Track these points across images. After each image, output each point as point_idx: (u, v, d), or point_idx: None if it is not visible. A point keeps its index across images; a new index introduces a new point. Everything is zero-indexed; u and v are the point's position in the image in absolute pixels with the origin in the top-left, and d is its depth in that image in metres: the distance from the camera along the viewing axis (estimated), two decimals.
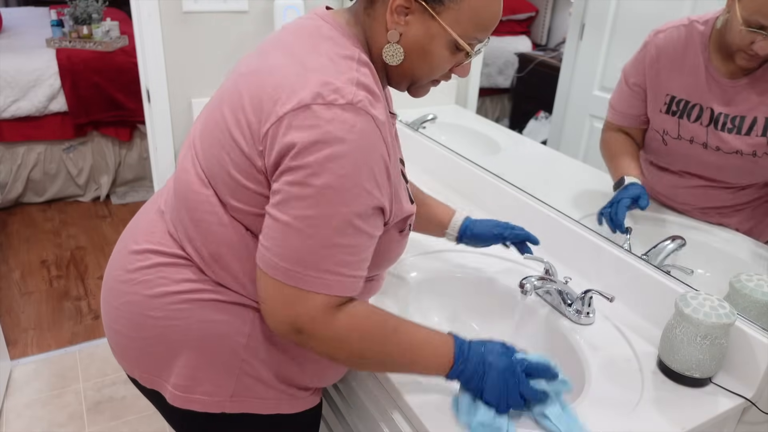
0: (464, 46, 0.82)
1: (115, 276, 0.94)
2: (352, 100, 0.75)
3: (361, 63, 0.80)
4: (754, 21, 1.00)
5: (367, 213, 0.78)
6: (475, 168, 1.56)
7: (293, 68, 0.79)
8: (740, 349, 0.98)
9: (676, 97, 1.17)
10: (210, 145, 0.85)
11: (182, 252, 0.89)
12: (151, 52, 1.83)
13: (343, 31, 0.84)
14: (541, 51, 1.72)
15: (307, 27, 0.85)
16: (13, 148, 3.17)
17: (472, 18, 0.80)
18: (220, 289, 0.87)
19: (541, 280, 1.10)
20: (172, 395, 0.90)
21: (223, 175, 0.82)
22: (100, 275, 2.76)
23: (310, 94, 0.75)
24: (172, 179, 0.95)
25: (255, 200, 0.81)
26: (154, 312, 0.88)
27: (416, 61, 0.84)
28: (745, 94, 1.09)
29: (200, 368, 0.88)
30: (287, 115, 0.75)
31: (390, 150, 0.81)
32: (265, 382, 0.90)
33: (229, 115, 0.83)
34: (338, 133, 0.73)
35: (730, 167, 1.13)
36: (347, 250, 0.77)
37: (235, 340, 0.88)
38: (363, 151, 0.75)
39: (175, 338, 0.88)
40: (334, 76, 0.76)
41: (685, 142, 1.17)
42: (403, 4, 0.80)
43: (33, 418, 1.96)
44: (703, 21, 1.14)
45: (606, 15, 1.34)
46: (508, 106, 1.84)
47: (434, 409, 0.89)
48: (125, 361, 0.95)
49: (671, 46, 1.17)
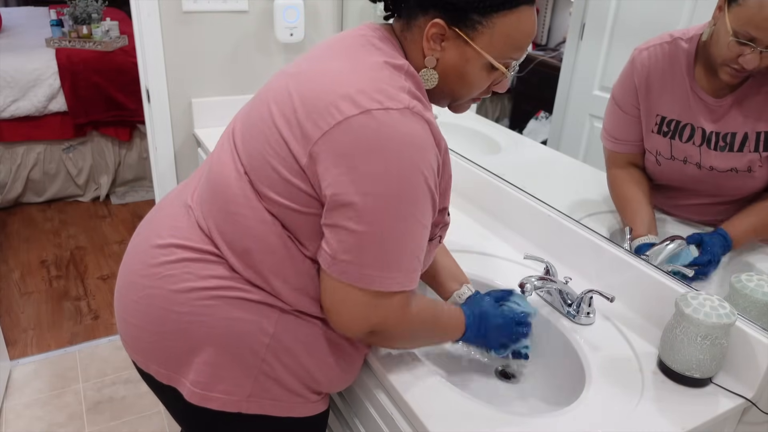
0: (499, 67, 0.85)
1: (135, 270, 0.94)
2: (408, 105, 0.78)
3: (409, 74, 0.84)
4: (743, 32, 0.97)
5: (428, 209, 0.82)
6: (475, 168, 1.56)
7: (347, 74, 0.81)
8: (740, 350, 0.98)
9: (667, 117, 1.15)
10: (253, 138, 0.86)
11: (210, 248, 0.89)
12: (151, 52, 1.83)
13: (391, 44, 0.87)
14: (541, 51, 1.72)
15: (358, 36, 0.87)
16: (12, 148, 3.17)
17: (506, 40, 0.83)
18: (247, 287, 0.87)
19: (541, 280, 1.10)
20: (190, 392, 0.89)
21: (266, 168, 0.84)
22: (100, 275, 2.76)
23: (368, 100, 0.77)
24: (202, 173, 0.96)
25: (295, 195, 0.82)
26: (179, 307, 0.88)
27: (454, 83, 0.87)
28: (733, 111, 1.07)
29: (221, 366, 0.88)
30: (347, 121, 0.77)
31: (442, 154, 0.85)
32: (282, 384, 0.90)
33: (277, 112, 0.84)
34: (398, 136, 0.77)
35: (727, 185, 1.11)
36: (418, 245, 0.83)
37: (258, 339, 0.87)
38: (422, 151, 0.79)
39: (198, 334, 0.88)
40: (388, 83, 0.80)
41: (679, 162, 1.15)
42: (438, 32, 0.83)
43: (33, 418, 1.96)
44: (687, 38, 1.11)
45: (606, 15, 1.34)
46: (508, 106, 1.83)
47: (434, 409, 0.89)
48: (140, 356, 0.94)
49: (657, 65, 1.14)
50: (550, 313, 1.14)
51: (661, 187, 1.22)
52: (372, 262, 0.80)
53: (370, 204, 0.77)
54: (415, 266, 0.84)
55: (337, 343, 0.93)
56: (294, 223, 0.84)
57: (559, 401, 1.02)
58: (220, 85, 1.98)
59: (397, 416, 0.95)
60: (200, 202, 0.92)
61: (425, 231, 0.83)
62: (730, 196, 1.13)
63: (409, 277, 0.83)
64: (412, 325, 0.89)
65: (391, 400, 0.98)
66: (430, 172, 0.80)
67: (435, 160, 0.81)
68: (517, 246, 1.38)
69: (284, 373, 0.90)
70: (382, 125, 0.76)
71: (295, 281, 0.87)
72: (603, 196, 1.27)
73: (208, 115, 1.96)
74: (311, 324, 0.90)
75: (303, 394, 0.92)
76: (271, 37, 2.00)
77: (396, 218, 0.79)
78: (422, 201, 0.80)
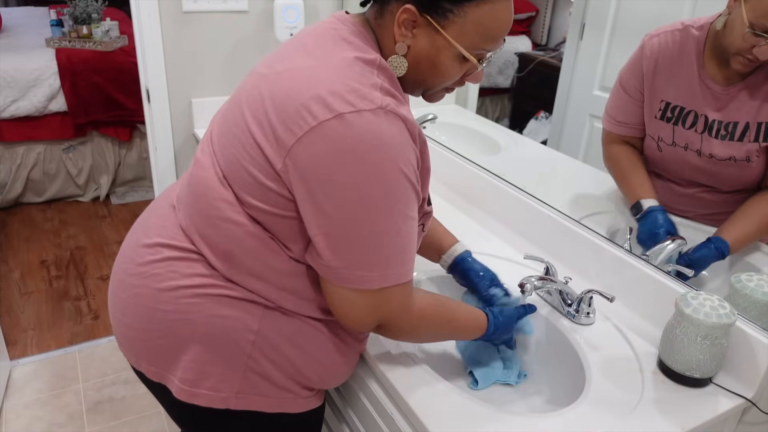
0: (470, 58, 0.83)
1: (125, 269, 0.94)
2: (381, 104, 0.77)
3: (381, 69, 0.82)
4: (760, 24, 0.98)
5: (413, 201, 0.82)
6: (475, 168, 1.56)
7: (317, 72, 0.80)
8: (740, 350, 0.98)
9: (671, 103, 1.16)
10: (229, 143, 0.86)
11: (194, 246, 0.89)
12: (151, 52, 1.83)
13: (363, 37, 0.85)
14: (541, 51, 1.72)
15: (329, 30, 0.86)
16: (12, 148, 3.17)
17: (478, 30, 0.81)
18: (230, 285, 0.88)
19: (541, 280, 1.10)
20: (178, 389, 0.90)
21: (242, 173, 0.83)
22: (100, 275, 2.77)
23: (339, 102, 0.76)
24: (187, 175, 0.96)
25: (273, 199, 0.82)
26: (164, 305, 0.88)
27: (426, 72, 0.86)
28: (737, 100, 1.08)
29: (207, 363, 0.88)
30: (320, 126, 0.76)
31: (420, 146, 0.85)
32: (271, 380, 0.90)
33: (250, 116, 0.83)
34: (373, 139, 0.76)
35: (724, 174, 1.12)
36: (409, 237, 0.83)
37: (244, 336, 0.88)
38: (399, 149, 0.78)
39: (184, 332, 0.88)
40: (359, 81, 0.78)
41: (680, 149, 1.16)
42: (408, 18, 0.81)
43: (33, 418, 1.96)
44: (698, 26, 1.12)
45: (606, 15, 1.34)
46: (508, 106, 1.84)
47: (434, 409, 0.90)
48: (131, 354, 0.95)
49: (666, 51, 1.16)
50: (550, 313, 1.14)
51: (660, 176, 1.22)
52: (366, 264, 0.80)
53: (355, 209, 0.77)
54: (409, 257, 0.84)
55: (325, 339, 0.93)
56: (276, 226, 0.84)
57: (559, 401, 1.02)
58: (220, 85, 1.98)
59: (397, 416, 0.95)
60: (183, 204, 0.92)
61: (413, 222, 0.84)
62: (726, 186, 1.14)
63: (405, 269, 0.83)
64: (420, 315, 0.90)
65: (391, 399, 0.98)
66: (409, 167, 0.79)
67: (413, 155, 0.81)
68: (517, 246, 1.38)
69: (271, 369, 0.90)
70: (356, 129, 0.75)
71: (279, 282, 0.87)
72: (603, 195, 1.27)
73: (208, 115, 1.96)
74: (296, 320, 0.90)
75: (292, 389, 0.93)
76: (271, 37, 2.00)
77: (383, 218, 0.78)
78: (406, 196, 0.80)
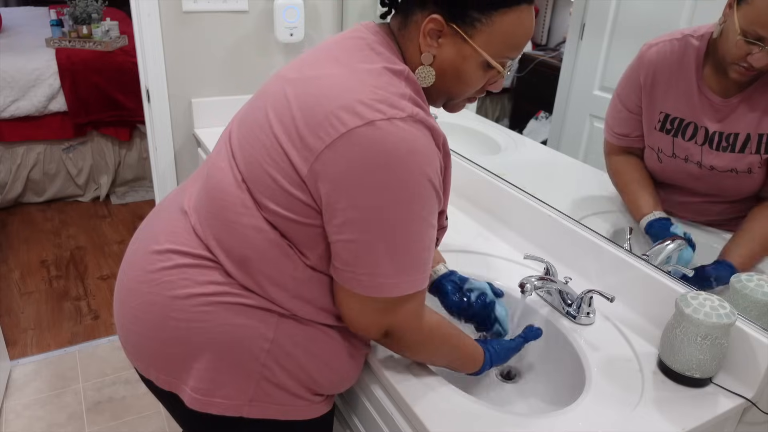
0: (496, 66, 0.84)
1: (133, 276, 0.93)
2: (411, 113, 0.78)
3: (409, 80, 0.83)
4: (752, 32, 0.97)
5: (435, 208, 0.83)
6: (475, 168, 1.56)
7: (346, 81, 0.80)
8: (741, 350, 0.98)
9: (671, 115, 1.14)
10: (250, 145, 0.85)
11: (207, 253, 0.87)
12: (151, 52, 1.83)
13: (389, 47, 0.85)
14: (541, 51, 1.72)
15: (357, 39, 0.86)
16: (12, 148, 3.17)
17: (504, 39, 0.82)
18: (245, 293, 0.86)
19: (541, 280, 1.10)
20: (190, 398, 0.88)
21: (264, 176, 0.82)
22: (100, 275, 2.76)
23: (370, 110, 0.76)
24: (200, 178, 0.94)
25: (293, 205, 0.81)
26: (176, 313, 0.87)
27: (451, 81, 0.87)
28: (738, 112, 1.07)
29: (221, 371, 0.87)
30: (350, 132, 0.76)
31: (444, 157, 0.85)
32: (285, 388, 0.90)
33: (275, 120, 0.83)
34: (404, 146, 0.76)
35: (725, 185, 1.11)
36: (428, 244, 0.83)
37: (258, 344, 0.87)
38: (428, 157, 0.78)
39: (197, 340, 0.87)
40: (388, 90, 0.79)
41: (680, 160, 1.14)
42: (435, 28, 0.82)
43: (32, 418, 1.96)
44: (698, 36, 1.11)
45: (606, 15, 1.34)
46: (508, 106, 1.83)
47: (435, 410, 0.89)
48: (140, 362, 0.94)
49: (665, 62, 1.14)
50: (550, 313, 1.14)
51: (662, 185, 1.22)
52: (385, 271, 0.80)
53: (382, 216, 0.77)
54: (428, 266, 0.84)
55: (338, 345, 0.93)
56: (294, 233, 0.83)
57: (559, 401, 1.02)
58: (220, 85, 1.98)
59: (398, 416, 0.95)
60: (197, 208, 0.91)
61: (434, 231, 0.84)
62: (728, 196, 1.13)
63: (423, 277, 0.83)
64: (429, 330, 0.89)
65: (391, 400, 0.98)
66: (435, 175, 0.80)
67: (439, 164, 0.81)
68: (517, 246, 1.38)
69: (286, 377, 0.89)
70: (388, 135, 0.75)
71: (294, 289, 0.86)
72: (603, 195, 1.27)
73: (208, 115, 1.96)
74: (310, 327, 0.90)
75: (305, 396, 0.92)
76: (271, 37, 2.00)
77: (409, 224, 0.79)
78: (430, 203, 0.80)
